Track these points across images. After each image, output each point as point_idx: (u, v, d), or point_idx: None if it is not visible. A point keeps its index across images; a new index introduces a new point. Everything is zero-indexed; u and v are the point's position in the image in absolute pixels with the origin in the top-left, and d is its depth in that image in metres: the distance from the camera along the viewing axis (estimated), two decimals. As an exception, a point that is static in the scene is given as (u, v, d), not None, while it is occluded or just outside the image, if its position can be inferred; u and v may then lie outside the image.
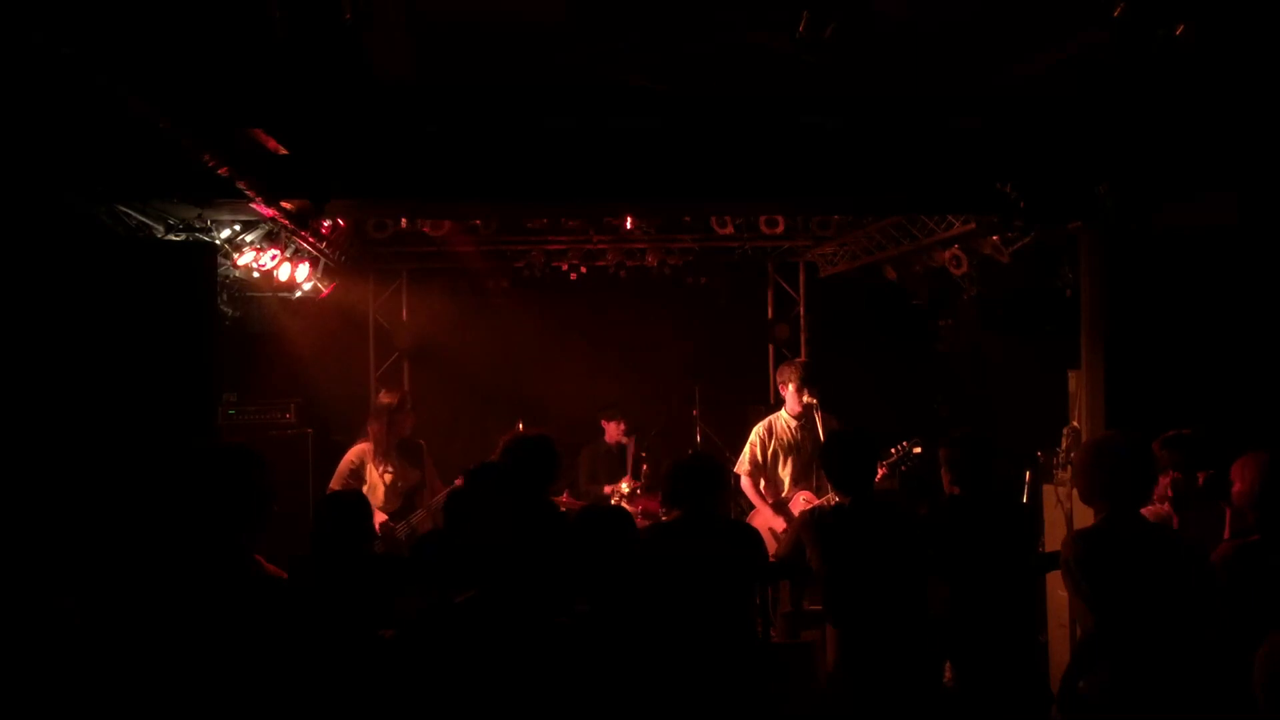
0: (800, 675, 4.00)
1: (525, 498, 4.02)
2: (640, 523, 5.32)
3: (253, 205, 5.18)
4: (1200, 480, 3.59)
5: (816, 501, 5.65)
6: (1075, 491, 5.66)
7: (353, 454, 6.01)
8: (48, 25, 3.19)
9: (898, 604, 3.83)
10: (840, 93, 4.61)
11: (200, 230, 5.82)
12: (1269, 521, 3.37)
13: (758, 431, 6.09)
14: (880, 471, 5.53)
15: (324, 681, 2.99)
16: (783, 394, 6.09)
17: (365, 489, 5.90)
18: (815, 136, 5.02)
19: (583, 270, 8.67)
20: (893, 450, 5.65)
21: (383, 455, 5.95)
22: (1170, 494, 3.82)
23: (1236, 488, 3.47)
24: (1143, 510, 3.98)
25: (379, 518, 5.76)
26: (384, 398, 6.22)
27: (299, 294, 7.29)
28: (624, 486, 7.22)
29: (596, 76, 4.40)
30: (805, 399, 5.90)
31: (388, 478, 5.93)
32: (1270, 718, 2.55)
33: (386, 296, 9.31)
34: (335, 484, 5.85)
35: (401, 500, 5.92)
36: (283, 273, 6.61)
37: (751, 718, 3.68)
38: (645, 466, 7.41)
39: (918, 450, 5.55)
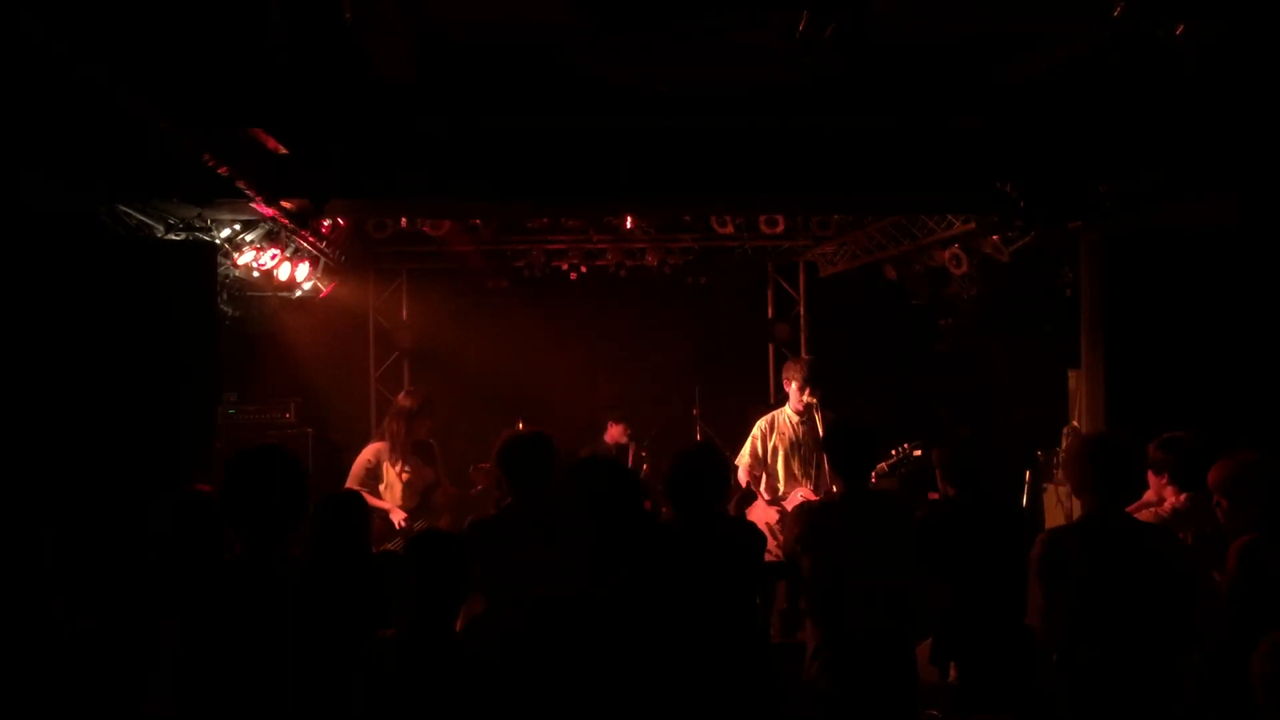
0: (796, 673, 3.99)
1: (526, 500, 4.00)
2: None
3: (253, 205, 5.19)
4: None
5: (813, 498, 5.65)
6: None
7: (369, 453, 6.01)
8: (47, 25, 3.20)
9: (882, 595, 3.82)
10: (840, 92, 4.61)
11: (200, 230, 5.82)
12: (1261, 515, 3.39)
13: (760, 426, 6.10)
14: (880, 467, 5.53)
15: (323, 682, 2.99)
16: (786, 390, 6.09)
17: (382, 487, 5.91)
18: (815, 136, 5.02)
19: (583, 270, 8.67)
20: (893, 452, 5.65)
21: (400, 455, 5.97)
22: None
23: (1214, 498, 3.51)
24: (1147, 510, 4.00)
25: (397, 515, 5.79)
26: (404, 400, 6.21)
27: (299, 293, 7.29)
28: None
29: (596, 77, 4.40)
30: (806, 397, 5.90)
31: (405, 476, 5.94)
32: (1270, 715, 2.56)
33: (386, 296, 9.32)
34: (351, 483, 5.85)
35: (419, 498, 5.94)
36: (283, 272, 6.62)
37: (751, 717, 3.68)
38: (645, 466, 7.41)
39: (917, 453, 5.54)
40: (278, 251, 6.46)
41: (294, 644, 2.89)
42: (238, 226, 6.16)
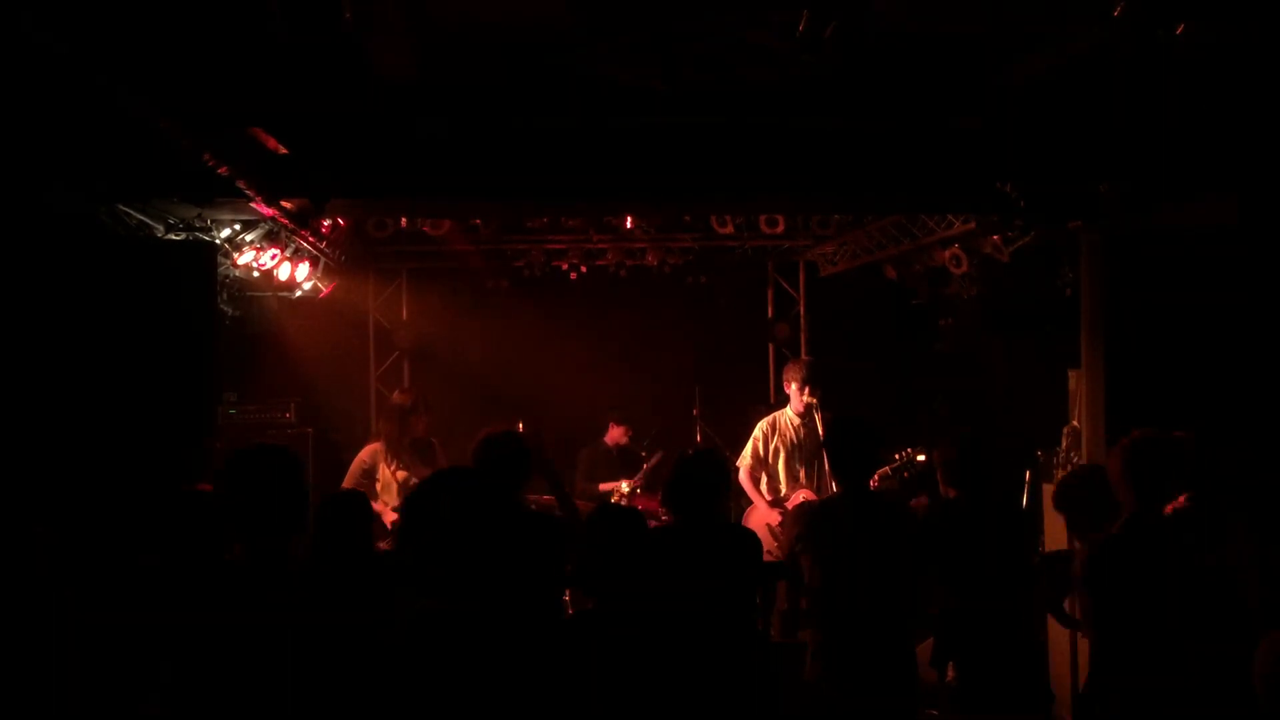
0: (796, 674, 3.99)
1: (494, 500, 3.99)
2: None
3: (253, 204, 5.19)
4: None
5: (814, 499, 5.65)
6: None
7: (365, 454, 6.00)
8: (47, 24, 3.20)
9: (881, 596, 3.81)
10: (840, 93, 4.60)
11: (200, 229, 5.82)
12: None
13: (761, 427, 6.11)
14: (884, 470, 5.53)
15: (324, 682, 2.99)
16: (787, 392, 6.10)
17: (379, 487, 5.90)
18: (815, 136, 5.02)
19: (583, 270, 8.66)
20: (896, 456, 5.65)
21: (395, 454, 5.95)
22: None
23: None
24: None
25: (391, 517, 5.78)
26: (397, 398, 6.21)
27: (299, 293, 7.29)
28: (624, 486, 7.23)
29: (596, 77, 4.40)
30: (806, 398, 5.90)
31: (400, 475, 5.93)
32: (1270, 714, 2.55)
33: (386, 296, 9.31)
34: (348, 484, 5.84)
35: None
36: (283, 272, 6.62)
37: (751, 717, 3.68)
38: (645, 466, 7.40)
39: (921, 458, 5.54)
40: (278, 251, 6.45)
41: (295, 644, 2.90)
42: (238, 226, 6.16)
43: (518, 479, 4.13)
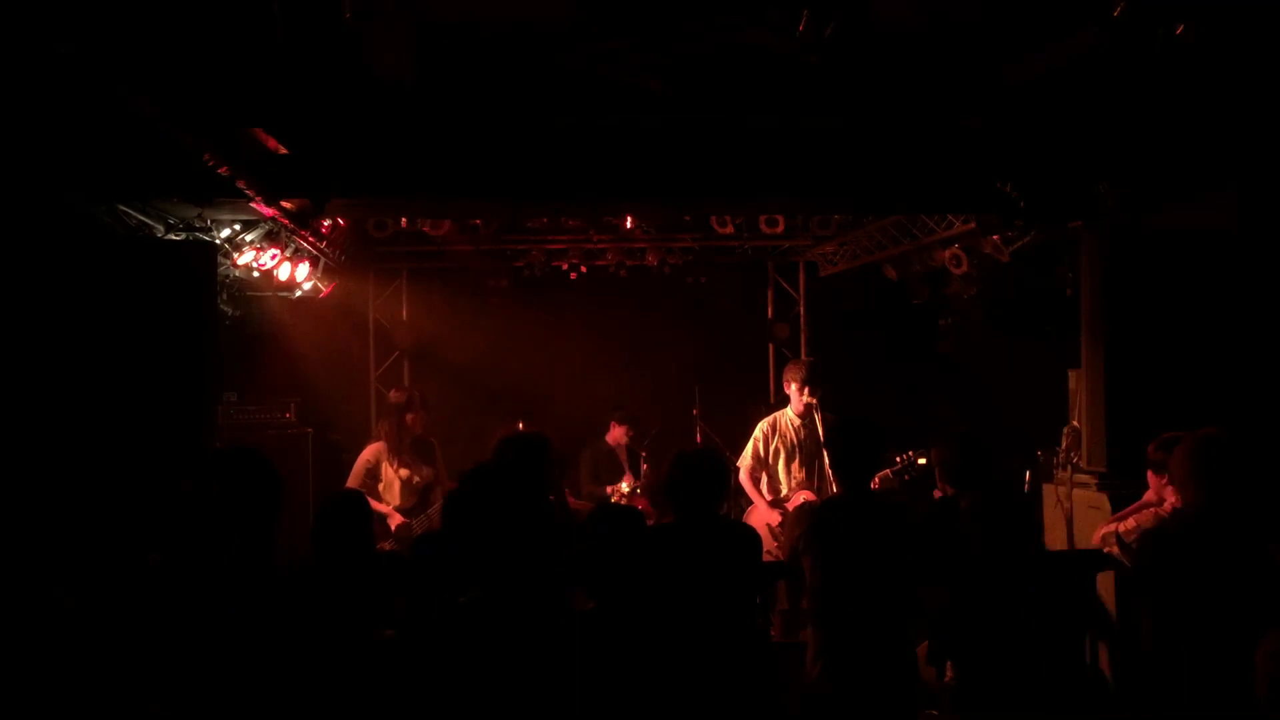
0: (797, 674, 3.99)
1: (521, 497, 4.01)
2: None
3: (253, 204, 5.19)
4: None
5: (815, 500, 5.64)
6: (1074, 492, 5.68)
7: (368, 453, 6.01)
8: (48, 25, 3.20)
9: (881, 596, 3.81)
10: (840, 93, 4.60)
11: (200, 229, 5.82)
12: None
13: (761, 428, 6.11)
14: (885, 473, 5.53)
15: (323, 681, 2.99)
16: (787, 392, 6.10)
17: (381, 487, 5.91)
18: (815, 136, 5.02)
19: (583, 270, 8.67)
20: (898, 459, 5.64)
21: (396, 453, 5.96)
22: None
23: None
24: (1147, 510, 3.99)
25: (395, 517, 5.78)
26: (393, 396, 6.24)
27: (299, 293, 7.29)
28: (624, 486, 7.23)
29: (596, 76, 4.40)
30: (806, 398, 5.90)
31: (404, 474, 5.94)
32: (1272, 715, 2.55)
33: (386, 296, 9.32)
34: (352, 484, 5.85)
35: (417, 497, 5.93)
36: (283, 272, 6.62)
37: (751, 717, 3.68)
38: (645, 466, 7.41)
39: (922, 461, 5.53)
40: (278, 251, 6.45)
41: (294, 643, 2.90)
42: (238, 226, 6.16)
43: (546, 478, 4.17)
